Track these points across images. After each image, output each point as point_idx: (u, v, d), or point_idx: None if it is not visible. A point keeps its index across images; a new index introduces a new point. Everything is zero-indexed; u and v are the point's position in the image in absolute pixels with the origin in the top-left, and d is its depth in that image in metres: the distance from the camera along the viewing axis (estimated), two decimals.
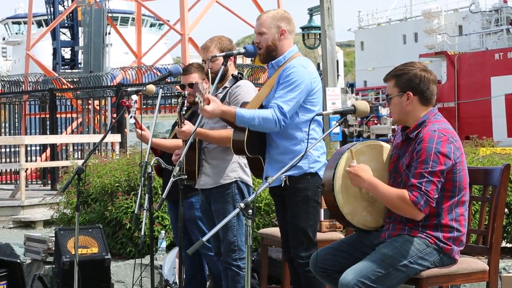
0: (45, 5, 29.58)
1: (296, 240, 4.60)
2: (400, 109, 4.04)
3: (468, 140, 8.64)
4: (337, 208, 4.04)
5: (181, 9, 19.82)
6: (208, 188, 5.16)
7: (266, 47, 4.59)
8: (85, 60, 21.14)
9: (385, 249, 3.92)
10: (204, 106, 4.29)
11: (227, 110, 4.41)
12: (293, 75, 4.46)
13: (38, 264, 7.59)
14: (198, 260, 5.87)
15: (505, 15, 41.27)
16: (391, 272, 3.87)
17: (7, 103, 16.97)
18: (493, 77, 37.24)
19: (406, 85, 4.00)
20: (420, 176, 3.84)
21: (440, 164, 3.84)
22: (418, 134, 3.96)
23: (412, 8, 49.55)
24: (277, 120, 4.39)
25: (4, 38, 65.33)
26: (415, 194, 3.84)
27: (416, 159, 3.89)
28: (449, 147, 3.87)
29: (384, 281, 3.86)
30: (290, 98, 4.42)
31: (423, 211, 3.86)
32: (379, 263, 3.87)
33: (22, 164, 11.75)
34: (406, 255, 3.89)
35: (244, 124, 4.42)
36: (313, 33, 17.90)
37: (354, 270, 3.88)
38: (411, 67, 4.04)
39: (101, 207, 7.63)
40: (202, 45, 5.29)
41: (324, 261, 4.15)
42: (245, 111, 4.39)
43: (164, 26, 37.86)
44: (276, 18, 4.60)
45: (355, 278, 3.83)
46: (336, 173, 4.03)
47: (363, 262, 3.91)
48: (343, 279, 3.86)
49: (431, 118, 4.00)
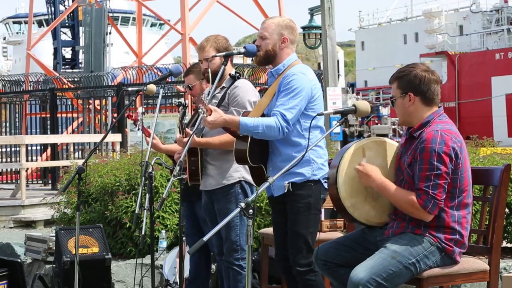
0: (46, 5, 29.58)
1: (296, 247, 4.57)
2: (403, 110, 4.05)
3: (468, 140, 8.63)
4: (340, 201, 4.06)
5: (182, 8, 19.81)
6: (211, 189, 5.17)
7: (265, 51, 4.59)
8: (85, 59, 21.14)
9: (394, 246, 3.93)
10: (206, 117, 4.30)
11: (230, 119, 4.41)
12: (293, 82, 4.47)
13: (38, 264, 7.60)
14: (203, 259, 5.87)
15: (505, 15, 41.24)
16: (401, 269, 3.89)
17: (8, 102, 16.98)
18: (494, 77, 37.24)
19: (407, 86, 4.02)
20: (427, 179, 3.87)
21: (445, 165, 3.86)
22: (421, 133, 3.98)
23: (413, 8, 49.58)
24: (280, 128, 4.39)
25: (5, 38, 65.35)
26: (423, 198, 3.88)
27: (419, 160, 3.90)
28: (453, 147, 3.89)
29: (393, 279, 3.88)
30: (293, 105, 4.43)
31: (432, 213, 3.91)
32: (389, 260, 3.88)
33: (23, 163, 11.76)
34: (414, 253, 3.91)
35: (247, 132, 4.42)
36: (314, 33, 17.89)
37: (366, 266, 3.87)
38: (412, 68, 4.05)
39: (102, 207, 7.63)
40: (198, 45, 5.28)
41: (326, 253, 4.16)
42: (249, 120, 4.39)
43: (165, 26, 37.86)
44: (280, 25, 4.60)
45: (368, 276, 3.83)
46: (340, 166, 4.05)
47: (374, 259, 3.91)
48: (354, 276, 3.85)
49: (436, 119, 4.02)
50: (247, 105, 5.00)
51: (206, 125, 4.42)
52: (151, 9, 22.92)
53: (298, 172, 4.49)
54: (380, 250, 3.95)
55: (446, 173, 3.88)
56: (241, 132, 4.43)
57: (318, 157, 4.57)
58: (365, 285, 3.81)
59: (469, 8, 43.61)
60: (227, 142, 4.96)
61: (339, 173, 4.04)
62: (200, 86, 5.61)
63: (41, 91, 16.62)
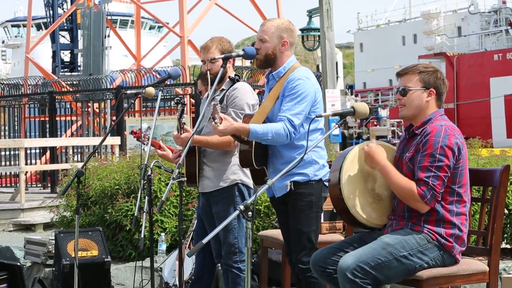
0: (45, 8, 29.57)
1: (298, 245, 4.60)
2: (418, 103, 4.08)
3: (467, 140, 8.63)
4: (342, 201, 4.07)
5: (180, 11, 19.81)
6: (209, 191, 5.17)
7: (265, 55, 4.60)
8: (84, 63, 21.11)
9: (387, 238, 3.97)
10: (218, 125, 4.31)
11: (241, 127, 4.42)
12: (299, 87, 4.50)
13: (38, 267, 7.59)
14: (208, 260, 5.86)
15: (504, 16, 41.29)
16: (390, 261, 3.90)
17: (7, 106, 16.97)
18: (492, 78, 37.26)
19: (432, 82, 4.09)
20: (427, 170, 3.91)
21: (447, 158, 3.91)
22: (424, 130, 4.03)
23: (411, 10, 49.64)
24: (288, 134, 4.44)
25: (4, 41, 65.33)
26: (422, 188, 3.91)
27: (422, 151, 3.95)
28: (455, 141, 3.94)
29: (382, 269, 3.89)
30: (299, 110, 4.47)
31: (429, 205, 3.94)
32: (379, 250, 3.91)
33: (22, 167, 11.75)
34: (407, 246, 3.93)
35: (257, 139, 4.46)
36: (312, 34, 17.94)
37: (354, 255, 3.92)
38: (436, 68, 4.16)
39: (101, 210, 7.63)
40: (202, 45, 5.26)
41: (324, 260, 4.16)
42: (258, 127, 4.43)
43: (164, 29, 37.86)
44: (280, 28, 4.61)
45: (354, 263, 3.87)
46: (343, 166, 4.07)
47: (364, 248, 3.96)
48: (342, 263, 3.90)
49: (438, 117, 4.08)
50: (245, 108, 5.00)
51: (216, 133, 4.44)
52: (149, 12, 22.92)
53: (301, 172, 4.53)
54: (373, 241, 4.00)
55: (447, 166, 3.91)
56: (250, 138, 4.46)
57: (319, 158, 4.60)
58: (351, 272, 3.85)
59: (467, 9, 43.65)
60: (225, 142, 4.98)
61: (343, 173, 4.06)
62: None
63: (40, 95, 16.61)
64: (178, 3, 19.89)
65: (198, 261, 5.83)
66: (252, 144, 4.54)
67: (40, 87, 17.42)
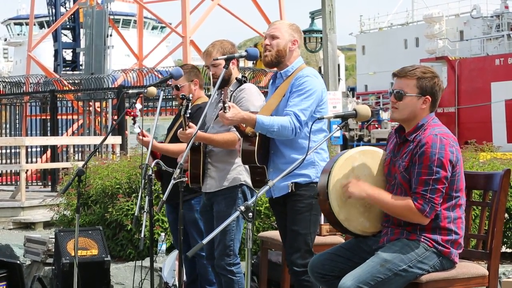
0: (47, 7, 29.56)
1: (294, 247, 4.58)
2: (412, 109, 4.02)
3: (467, 145, 8.62)
4: (333, 215, 4.04)
5: (183, 11, 19.84)
6: (212, 191, 5.16)
7: (277, 50, 4.62)
8: (86, 62, 21.12)
9: (384, 254, 3.93)
10: (226, 113, 4.31)
11: (248, 116, 4.42)
12: (306, 84, 4.51)
13: (37, 266, 7.60)
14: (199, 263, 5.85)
15: (506, 20, 41.27)
16: (390, 277, 3.88)
17: (8, 104, 16.99)
18: (494, 83, 37.24)
19: (428, 90, 4.02)
20: (425, 183, 3.87)
21: (444, 170, 3.87)
22: (416, 137, 3.97)
23: (414, 13, 49.60)
24: (294, 128, 4.44)
25: (6, 39, 65.41)
26: (420, 202, 3.88)
27: (419, 163, 3.89)
28: (452, 151, 3.90)
29: (383, 286, 3.87)
30: (305, 106, 4.48)
31: (430, 217, 3.91)
32: (378, 268, 3.88)
33: (23, 165, 11.76)
34: (406, 260, 3.90)
35: (262, 131, 4.45)
36: (315, 36, 17.91)
37: (353, 275, 3.88)
38: (434, 73, 4.07)
39: (102, 209, 7.63)
40: (204, 51, 5.29)
41: (322, 266, 4.14)
42: (265, 118, 4.43)
43: (166, 29, 37.93)
44: (292, 28, 4.69)
45: (354, 284, 3.83)
46: (330, 180, 4.02)
47: (362, 267, 3.91)
48: (342, 284, 3.86)
49: (430, 122, 4.02)
50: (251, 109, 5.00)
51: (223, 120, 4.41)
52: (152, 12, 22.94)
53: (303, 173, 4.52)
54: (371, 259, 3.95)
55: (445, 178, 3.88)
56: (256, 129, 4.44)
57: (322, 160, 4.60)
58: None
59: (469, 13, 43.62)
60: (229, 141, 4.98)
61: (330, 189, 4.01)
62: (189, 88, 5.61)
63: (41, 93, 16.63)
64: (181, 4, 19.92)
65: (187, 265, 5.79)
66: (255, 142, 4.52)
67: (41, 86, 17.44)
